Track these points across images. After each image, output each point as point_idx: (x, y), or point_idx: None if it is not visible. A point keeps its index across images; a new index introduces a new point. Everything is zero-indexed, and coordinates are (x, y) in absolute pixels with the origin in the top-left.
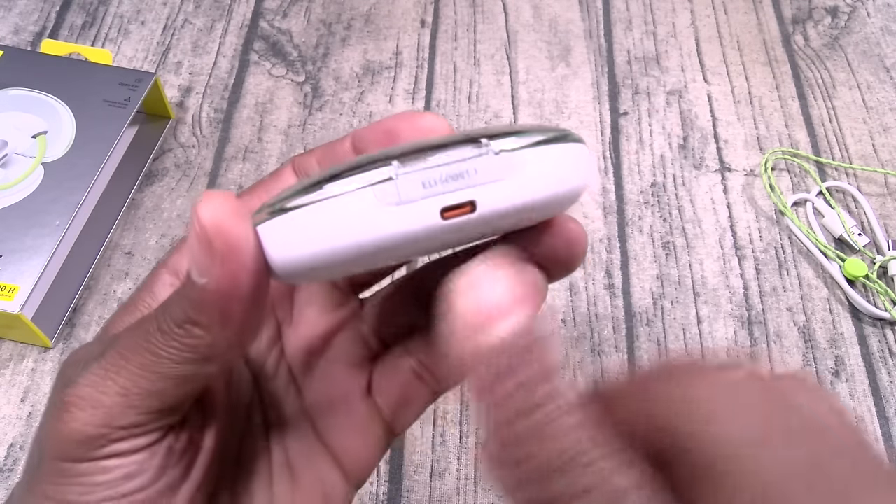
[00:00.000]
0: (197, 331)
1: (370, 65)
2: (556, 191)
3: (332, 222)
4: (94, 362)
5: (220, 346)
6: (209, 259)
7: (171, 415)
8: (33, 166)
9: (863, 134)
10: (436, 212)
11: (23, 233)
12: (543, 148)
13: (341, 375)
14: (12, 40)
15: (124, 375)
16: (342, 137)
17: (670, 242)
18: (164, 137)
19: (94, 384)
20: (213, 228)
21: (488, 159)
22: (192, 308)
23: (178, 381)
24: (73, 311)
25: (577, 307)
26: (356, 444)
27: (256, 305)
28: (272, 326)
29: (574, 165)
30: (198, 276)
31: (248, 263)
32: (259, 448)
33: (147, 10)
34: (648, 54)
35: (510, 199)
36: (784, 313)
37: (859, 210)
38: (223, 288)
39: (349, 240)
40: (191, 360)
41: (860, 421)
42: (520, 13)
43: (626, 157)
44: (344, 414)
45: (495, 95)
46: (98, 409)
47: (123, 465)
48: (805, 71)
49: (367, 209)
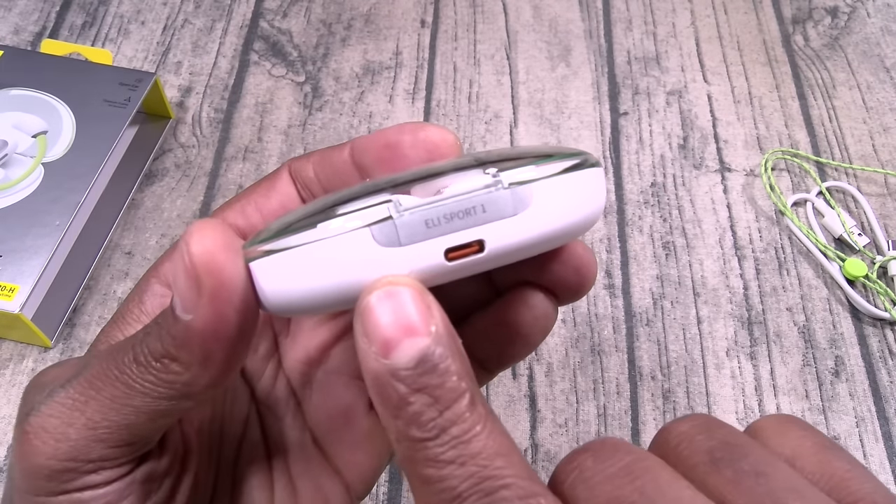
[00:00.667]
0: (175, 367)
1: (370, 65)
2: (570, 223)
3: (329, 263)
4: (60, 389)
5: (199, 384)
6: (196, 295)
7: (143, 447)
8: (33, 166)
9: (863, 134)
10: (439, 253)
11: (23, 233)
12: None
13: (341, 388)
14: (12, 40)
15: (93, 407)
16: (341, 145)
17: (670, 242)
18: (164, 137)
19: (59, 414)
20: (203, 264)
21: (498, 195)
22: (172, 343)
23: (152, 415)
24: (73, 311)
25: (577, 307)
26: (358, 457)
27: (242, 345)
28: (269, 339)
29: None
30: (182, 311)
31: (238, 303)
32: (258, 462)
33: (147, 10)
34: (648, 54)
35: (521, 235)
36: (784, 313)
37: (859, 210)
38: (208, 327)
39: (346, 281)
40: (166, 396)
41: (838, 440)
42: (520, 13)
43: (626, 157)
44: (345, 427)
45: (495, 95)
46: (63, 442)
47: (100, 496)
48: (805, 71)
49: (364, 250)
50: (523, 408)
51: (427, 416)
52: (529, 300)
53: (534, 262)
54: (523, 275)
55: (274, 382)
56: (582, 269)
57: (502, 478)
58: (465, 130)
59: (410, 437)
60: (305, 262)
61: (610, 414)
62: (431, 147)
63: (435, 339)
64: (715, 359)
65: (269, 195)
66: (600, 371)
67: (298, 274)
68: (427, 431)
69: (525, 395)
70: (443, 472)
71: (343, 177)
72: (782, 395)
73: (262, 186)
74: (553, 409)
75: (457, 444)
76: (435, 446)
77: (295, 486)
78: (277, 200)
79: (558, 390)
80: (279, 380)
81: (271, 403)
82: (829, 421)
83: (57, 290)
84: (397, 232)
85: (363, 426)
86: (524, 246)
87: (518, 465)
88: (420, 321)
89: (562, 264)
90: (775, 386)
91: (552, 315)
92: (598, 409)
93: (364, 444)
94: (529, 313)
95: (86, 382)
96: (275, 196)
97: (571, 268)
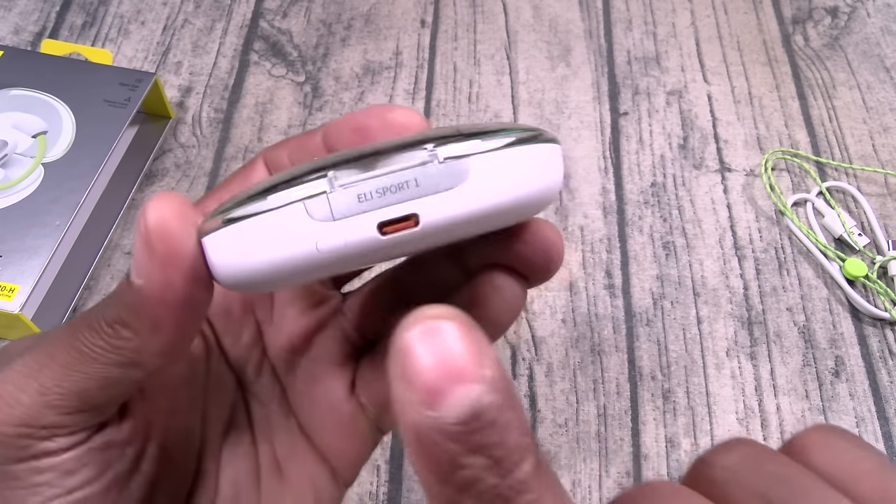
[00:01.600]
0: (125, 332)
1: (370, 65)
2: (513, 198)
3: (267, 236)
4: (17, 358)
5: (147, 351)
6: (148, 261)
7: (97, 415)
8: (33, 166)
9: (863, 134)
10: (372, 227)
11: (23, 233)
12: (498, 153)
13: (324, 374)
14: (12, 40)
15: (46, 374)
16: (314, 130)
17: (670, 242)
18: (164, 137)
19: (13, 381)
20: (155, 230)
21: (432, 168)
22: (125, 309)
23: (102, 382)
24: (73, 311)
25: (577, 307)
26: (342, 443)
27: (192, 315)
28: (252, 326)
29: (535, 171)
30: (135, 276)
31: (187, 271)
32: (245, 448)
33: (147, 10)
34: (648, 54)
35: (457, 210)
36: (784, 313)
37: (859, 210)
38: (157, 292)
39: (284, 255)
40: (116, 363)
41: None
42: (520, 13)
43: (626, 157)
44: (328, 414)
45: (495, 95)
46: (14, 408)
47: (58, 463)
48: (805, 71)
49: (299, 224)
50: (523, 408)
51: (487, 484)
52: (497, 282)
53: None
54: (491, 257)
55: (259, 370)
56: (548, 250)
57: None
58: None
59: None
60: (247, 236)
61: (610, 414)
62: (399, 128)
63: (490, 385)
64: (715, 359)
65: (243, 184)
66: (600, 371)
67: (242, 247)
68: (486, 502)
69: (525, 395)
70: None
71: None
72: (782, 395)
73: (238, 176)
74: (553, 409)
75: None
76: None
77: (282, 471)
78: None
79: (558, 390)
80: (264, 367)
81: (257, 390)
82: (828, 421)
83: (57, 290)
84: (330, 206)
85: (345, 411)
86: (462, 220)
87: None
88: (472, 364)
89: (527, 245)
90: (775, 386)
91: (521, 297)
92: (598, 409)
93: (348, 430)
94: (497, 295)
95: (42, 351)
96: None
97: (538, 249)
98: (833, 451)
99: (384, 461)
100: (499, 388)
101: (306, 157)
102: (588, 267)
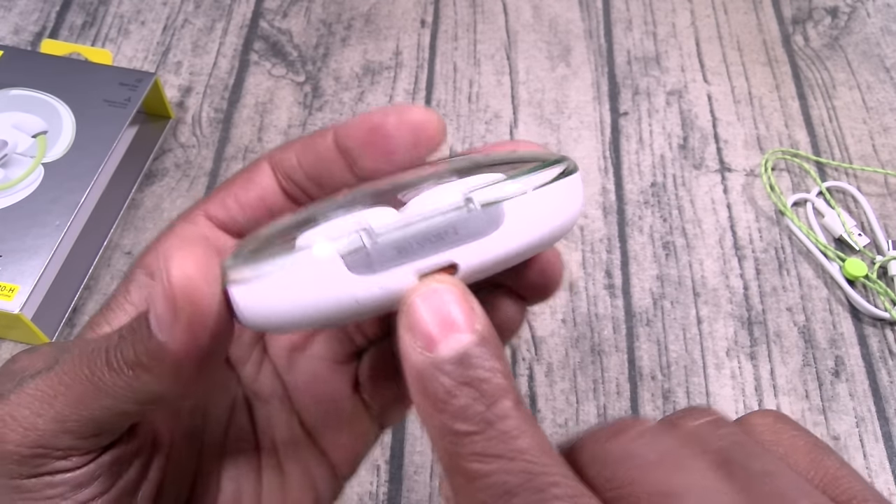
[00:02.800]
0: (147, 377)
1: (370, 65)
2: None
3: (304, 290)
4: (30, 380)
5: (168, 394)
6: (173, 320)
7: (110, 437)
8: (33, 166)
9: (863, 134)
10: (413, 278)
11: (23, 233)
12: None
13: (326, 372)
14: (12, 40)
15: (62, 402)
16: (323, 130)
17: (670, 242)
18: (164, 137)
19: (28, 405)
20: (181, 291)
21: (470, 216)
22: (145, 355)
23: (120, 416)
24: (73, 311)
25: (577, 307)
26: (344, 440)
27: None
28: None
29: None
30: (157, 331)
31: (213, 327)
32: (246, 446)
33: (147, 10)
34: (648, 54)
35: (494, 254)
36: (784, 313)
37: (859, 210)
38: (181, 348)
39: (321, 306)
40: (135, 401)
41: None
42: (520, 13)
43: (626, 157)
44: (331, 411)
45: (495, 95)
46: (31, 431)
47: (70, 478)
48: (805, 71)
49: (337, 278)
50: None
51: (474, 410)
52: (495, 303)
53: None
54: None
55: (259, 368)
56: (547, 272)
57: (551, 475)
58: (465, 130)
59: (455, 432)
60: (280, 289)
61: (610, 414)
62: (416, 127)
63: (479, 337)
64: (715, 359)
65: (247, 187)
66: (600, 371)
67: (274, 298)
68: (474, 425)
69: (525, 395)
70: (490, 466)
71: (326, 163)
72: (782, 395)
73: (241, 178)
74: (553, 409)
75: (506, 438)
76: (482, 440)
77: (283, 468)
78: (255, 193)
79: (558, 390)
80: (265, 365)
81: (258, 389)
82: (829, 421)
83: (57, 290)
84: (370, 260)
85: (348, 409)
86: (497, 263)
87: (563, 464)
88: (464, 319)
89: (527, 267)
90: (775, 386)
91: (518, 317)
92: (598, 409)
93: (349, 426)
94: (496, 316)
95: (56, 378)
96: (253, 189)
97: (537, 270)
98: (774, 431)
99: (384, 461)
100: (486, 339)
101: (315, 157)
102: (588, 267)
